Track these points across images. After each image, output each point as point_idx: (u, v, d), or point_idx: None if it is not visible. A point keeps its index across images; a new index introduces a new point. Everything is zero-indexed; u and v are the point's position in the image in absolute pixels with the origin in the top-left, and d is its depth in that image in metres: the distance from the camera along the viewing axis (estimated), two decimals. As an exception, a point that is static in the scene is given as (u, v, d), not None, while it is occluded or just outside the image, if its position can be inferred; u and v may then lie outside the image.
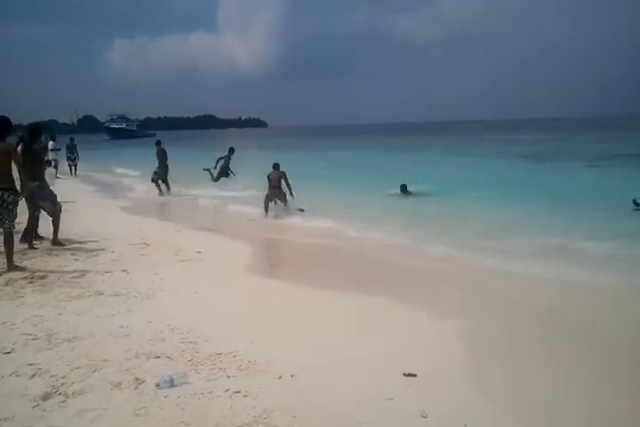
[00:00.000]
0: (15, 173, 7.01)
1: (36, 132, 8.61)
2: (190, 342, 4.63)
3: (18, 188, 7.04)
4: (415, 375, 4.08)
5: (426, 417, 3.49)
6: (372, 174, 21.63)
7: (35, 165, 8.27)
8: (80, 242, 8.92)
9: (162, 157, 17.06)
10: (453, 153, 34.16)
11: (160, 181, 17.09)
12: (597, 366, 4.47)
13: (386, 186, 16.40)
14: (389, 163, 28.13)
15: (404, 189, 15.95)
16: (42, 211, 8.67)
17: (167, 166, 17.12)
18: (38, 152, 8.60)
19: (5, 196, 6.78)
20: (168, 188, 17.19)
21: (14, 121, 7.60)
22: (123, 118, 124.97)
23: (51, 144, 22.66)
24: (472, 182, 17.84)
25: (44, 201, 8.50)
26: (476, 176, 19.96)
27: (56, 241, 8.60)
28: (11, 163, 6.82)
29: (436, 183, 17.34)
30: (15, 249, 7.21)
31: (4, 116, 7.08)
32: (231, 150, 17.37)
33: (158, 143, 17.49)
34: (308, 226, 11.18)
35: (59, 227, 8.62)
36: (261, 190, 13.31)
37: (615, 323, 5.50)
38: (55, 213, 8.57)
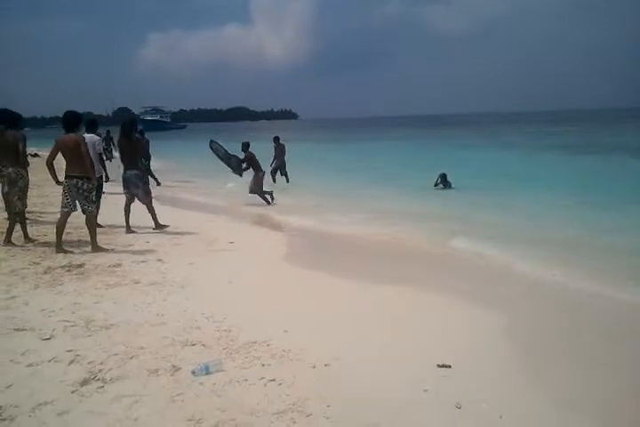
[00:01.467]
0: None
1: (132, 125, 9.15)
2: (225, 330, 4.66)
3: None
4: (449, 366, 4.04)
5: (460, 408, 3.46)
6: (405, 167, 21.51)
7: (132, 154, 9.00)
8: (115, 232, 9.05)
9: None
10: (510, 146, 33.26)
11: (279, 174, 17.49)
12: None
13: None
14: (423, 155, 27.90)
15: (443, 178, 15.06)
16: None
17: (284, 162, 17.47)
18: (136, 143, 9.15)
19: (80, 183, 7.35)
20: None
21: (51, 113, 8.35)
22: (156, 110, 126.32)
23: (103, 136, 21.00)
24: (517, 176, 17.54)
25: (137, 189, 9.11)
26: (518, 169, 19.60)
27: (158, 225, 9.27)
28: (82, 153, 7.28)
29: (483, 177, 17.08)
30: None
31: (74, 111, 7.66)
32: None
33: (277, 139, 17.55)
34: (341, 218, 11.14)
35: (154, 212, 9.25)
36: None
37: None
38: (145, 200, 9.19)
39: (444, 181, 15.10)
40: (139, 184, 9.09)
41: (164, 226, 9.30)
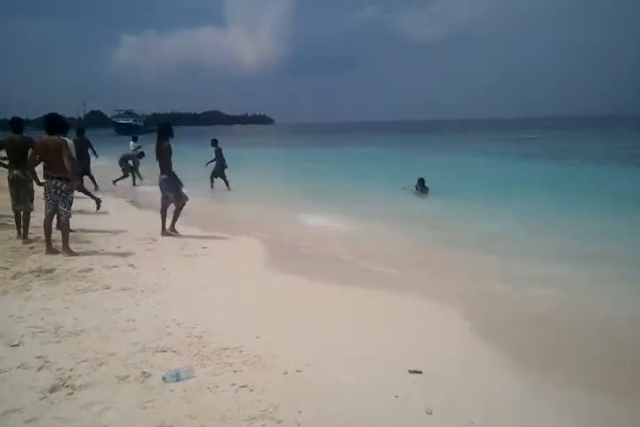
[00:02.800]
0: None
1: (165, 130, 9.19)
2: (196, 336, 4.65)
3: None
4: (421, 372, 4.09)
5: (431, 413, 3.51)
6: (381, 170, 21.68)
7: (164, 159, 9.15)
8: (87, 236, 8.95)
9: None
10: (475, 152, 33.99)
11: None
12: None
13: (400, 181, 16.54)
14: (398, 159, 28.13)
15: (421, 183, 15.45)
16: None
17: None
18: (167, 148, 9.16)
19: (59, 184, 7.50)
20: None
21: (21, 116, 8.93)
22: (130, 113, 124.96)
23: (131, 144, 20.46)
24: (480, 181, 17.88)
25: (170, 192, 9.29)
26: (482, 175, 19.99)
27: (172, 228, 9.40)
28: (62, 155, 7.39)
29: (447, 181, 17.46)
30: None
31: (55, 114, 7.91)
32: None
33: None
34: (311, 223, 11.17)
35: (177, 217, 9.43)
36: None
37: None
38: (178, 204, 9.37)
39: (421, 186, 15.50)
40: (167, 188, 9.25)
41: (176, 233, 9.37)
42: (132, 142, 20.74)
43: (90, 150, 15.19)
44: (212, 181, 17.30)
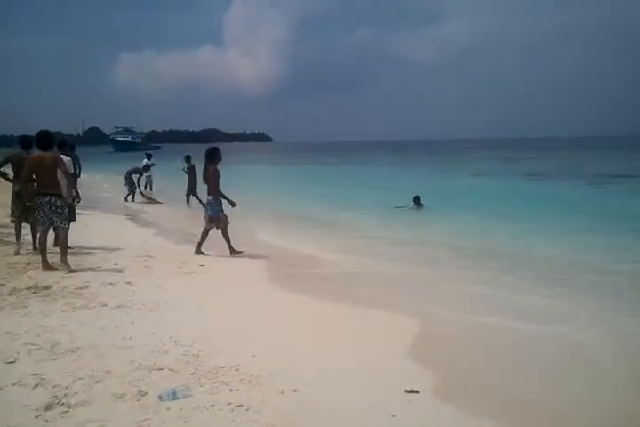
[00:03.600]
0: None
1: (213, 155, 9.31)
2: (193, 354, 4.63)
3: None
4: (417, 392, 4.08)
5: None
6: (376, 189, 21.76)
7: (211, 182, 9.27)
8: (84, 253, 8.95)
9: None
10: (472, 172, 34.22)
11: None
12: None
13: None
14: (395, 177, 28.25)
15: (417, 200, 16.05)
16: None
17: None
18: (214, 172, 9.30)
19: (53, 200, 7.56)
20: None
21: (19, 132, 9.16)
22: (128, 131, 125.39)
23: (145, 162, 20.80)
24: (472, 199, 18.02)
25: (213, 215, 9.26)
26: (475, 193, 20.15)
27: (232, 249, 9.39)
28: (57, 171, 7.54)
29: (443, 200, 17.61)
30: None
31: (47, 131, 8.00)
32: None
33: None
34: (308, 240, 11.18)
35: (228, 238, 9.37)
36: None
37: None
38: (218, 225, 9.33)
39: (417, 203, 16.06)
40: (212, 211, 9.29)
41: (238, 252, 9.43)
42: (145, 160, 21.05)
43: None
44: (188, 199, 17.60)
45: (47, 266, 7.55)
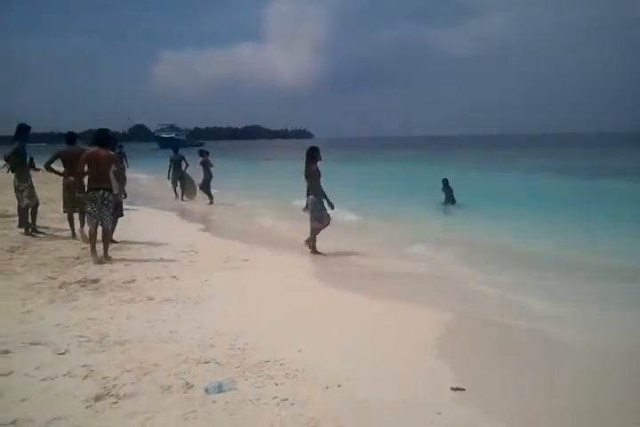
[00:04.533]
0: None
1: (313, 153, 9.40)
2: (238, 348, 4.65)
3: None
4: (464, 389, 4.01)
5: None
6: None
7: (313, 181, 9.38)
8: (130, 248, 9.11)
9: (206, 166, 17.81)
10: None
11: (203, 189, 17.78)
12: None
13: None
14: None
15: (445, 184, 16.14)
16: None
17: (211, 175, 17.86)
18: (316, 171, 9.41)
19: (106, 195, 8.00)
20: (210, 197, 17.64)
21: (72, 130, 10.15)
22: (172, 128, 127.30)
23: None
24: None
25: (315, 213, 9.39)
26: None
27: (314, 249, 9.40)
28: (111, 167, 8.08)
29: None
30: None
31: (106, 130, 8.55)
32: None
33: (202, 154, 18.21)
34: (353, 237, 11.12)
35: (314, 237, 9.43)
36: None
37: None
38: (311, 225, 9.41)
39: (446, 189, 16.11)
40: (315, 209, 9.39)
41: (320, 253, 9.38)
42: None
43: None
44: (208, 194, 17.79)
45: (97, 259, 7.77)
